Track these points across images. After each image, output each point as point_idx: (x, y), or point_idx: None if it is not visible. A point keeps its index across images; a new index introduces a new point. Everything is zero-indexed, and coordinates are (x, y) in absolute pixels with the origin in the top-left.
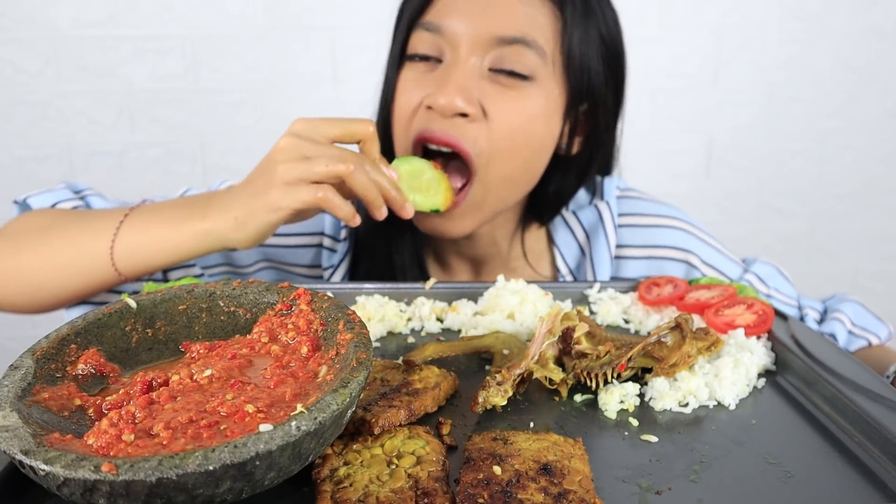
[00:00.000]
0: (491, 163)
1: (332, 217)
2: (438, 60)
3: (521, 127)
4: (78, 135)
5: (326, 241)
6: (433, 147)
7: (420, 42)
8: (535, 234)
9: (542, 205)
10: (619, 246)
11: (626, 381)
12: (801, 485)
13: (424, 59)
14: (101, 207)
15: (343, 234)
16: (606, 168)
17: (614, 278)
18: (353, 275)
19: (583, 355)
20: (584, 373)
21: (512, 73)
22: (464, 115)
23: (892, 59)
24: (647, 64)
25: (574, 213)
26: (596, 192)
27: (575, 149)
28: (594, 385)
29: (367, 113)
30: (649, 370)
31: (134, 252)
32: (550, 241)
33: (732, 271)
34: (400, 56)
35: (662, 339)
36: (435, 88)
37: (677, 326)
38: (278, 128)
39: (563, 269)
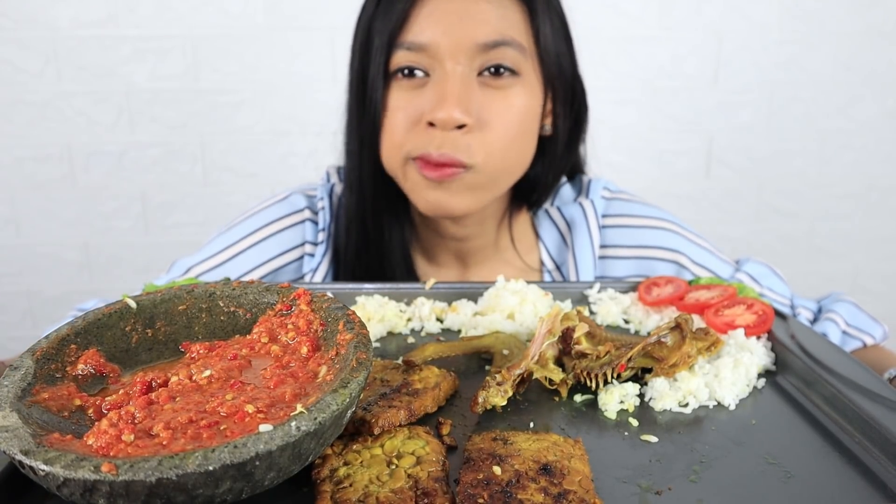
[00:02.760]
0: (487, 161)
1: (312, 223)
2: (424, 73)
3: (513, 126)
4: (78, 135)
5: (308, 248)
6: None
7: (405, 63)
8: (523, 227)
9: (531, 189)
10: (607, 246)
11: (626, 381)
12: (801, 485)
13: (410, 74)
14: None
15: (321, 237)
16: (580, 132)
17: (601, 278)
18: (336, 274)
19: (583, 355)
20: (584, 373)
21: (499, 76)
22: (460, 126)
23: (892, 59)
24: (647, 64)
25: (558, 208)
26: (582, 191)
27: (550, 128)
28: (594, 385)
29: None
30: (649, 370)
31: None
32: (536, 235)
33: (724, 271)
34: (384, 76)
35: (662, 340)
36: (430, 105)
37: (677, 326)
38: (278, 128)
39: (549, 263)
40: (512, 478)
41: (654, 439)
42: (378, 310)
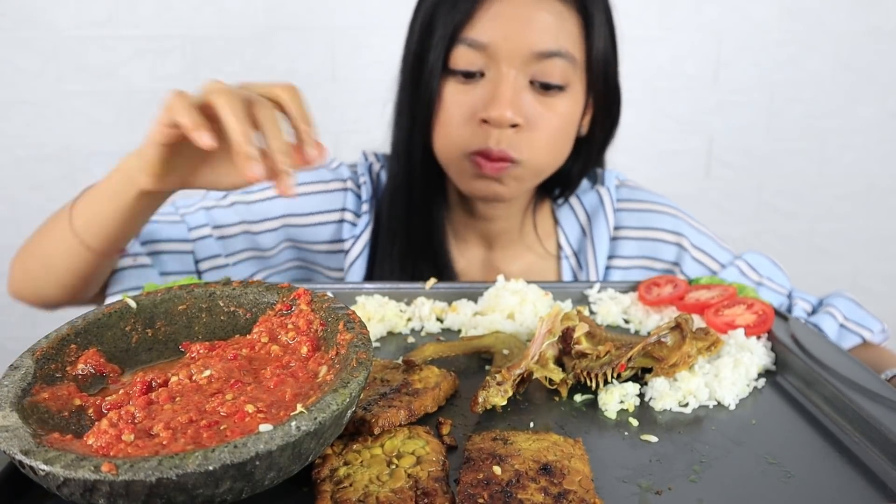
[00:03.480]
0: (532, 158)
1: (354, 195)
2: (480, 74)
3: (557, 130)
4: (78, 135)
5: (348, 216)
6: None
7: (463, 58)
8: (544, 215)
9: (557, 183)
10: (617, 228)
11: (626, 381)
12: (801, 485)
13: (468, 74)
14: None
15: (364, 207)
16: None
17: (611, 257)
18: (374, 246)
19: (583, 355)
20: (584, 373)
21: (548, 89)
22: (513, 125)
23: (892, 59)
24: (647, 64)
25: (577, 196)
26: (597, 180)
27: (585, 129)
28: (594, 385)
29: (371, 113)
30: (649, 370)
31: (86, 214)
32: (555, 221)
33: (722, 256)
34: (442, 66)
35: (662, 339)
36: (484, 103)
37: (677, 326)
38: None
39: (567, 249)
40: (512, 478)
41: (654, 439)
42: (378, 310)
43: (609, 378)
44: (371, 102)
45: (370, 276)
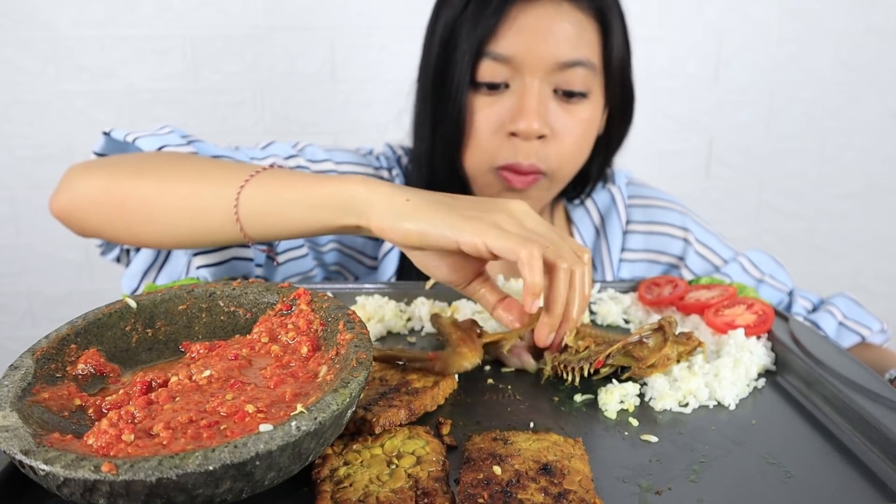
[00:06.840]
0: (560, 168)
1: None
2: (505, 85)
3: (581, 137)
4: (78, 135)
5: None
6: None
7: (488, 70)
8: (558, 216)
9: (576, 184)
10: (627, 222)
11: (625, 380)
12: (801, 485)
13: (493, 86)
14: (216, 154)
15: None
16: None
17: (621, 251)
18: (404, 256)
19: (564, 348)
20: (561, 366)
21: (570, 96)
22: (540, 136)
23: (892, 59)
24: (647, 64)
25: (591, 196)
26: (608, 180)
27: (602, 129)
28: (570, 379)
29: (371, 113)
30: (627, 369)
31: (264, 208)
32: (569, 221)
33: (725, 253)
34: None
35: (644, 339)
36: (511, 115)
37: (660, 328)
38: (278, 128)
39: None
40: (512, 478)
41: (654, 439)
42: (378, 310)
43: (585, 373)
44: (371, 102)
45: (402, 269)
